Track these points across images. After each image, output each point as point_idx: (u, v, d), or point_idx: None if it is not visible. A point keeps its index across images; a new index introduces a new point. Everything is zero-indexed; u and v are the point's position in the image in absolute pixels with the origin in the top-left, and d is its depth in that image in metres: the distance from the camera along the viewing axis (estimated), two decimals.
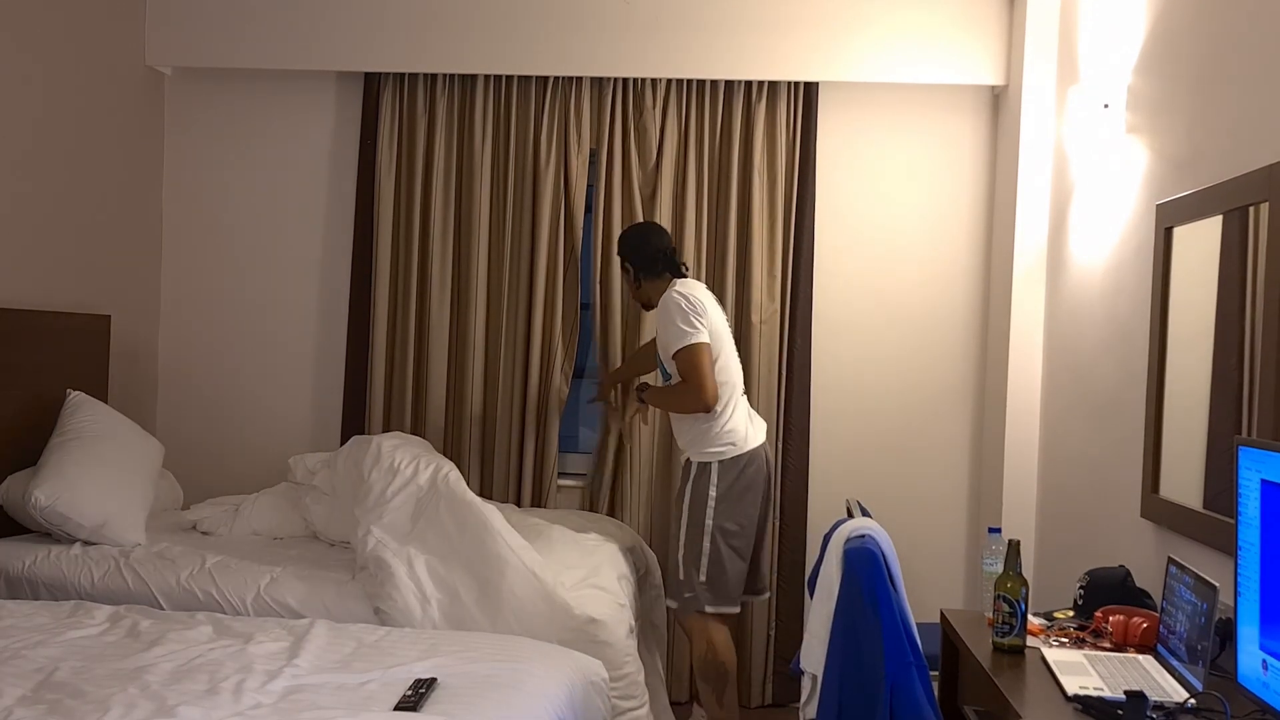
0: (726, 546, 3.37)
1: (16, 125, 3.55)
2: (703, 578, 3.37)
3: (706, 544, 3.36)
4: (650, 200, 4.11)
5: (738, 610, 3.44)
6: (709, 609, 3.37)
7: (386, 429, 4.18)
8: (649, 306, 3.66)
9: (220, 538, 3.60)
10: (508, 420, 4.15)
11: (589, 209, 4.18)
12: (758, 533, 3.48)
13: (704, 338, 3.33)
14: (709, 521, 3.37)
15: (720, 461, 3.39)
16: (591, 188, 4.16)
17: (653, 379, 3.78)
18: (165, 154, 4.37)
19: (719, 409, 3.38)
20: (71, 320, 3.77)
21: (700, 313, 3.35)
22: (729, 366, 3.44)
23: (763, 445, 3.48)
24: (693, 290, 3.43)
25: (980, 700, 2.35)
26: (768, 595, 3.73)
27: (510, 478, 4.14)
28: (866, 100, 4.16)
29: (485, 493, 4.10)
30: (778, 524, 4.04)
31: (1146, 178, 2.93)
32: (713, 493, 3.37)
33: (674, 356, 3.37)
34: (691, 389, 3.33)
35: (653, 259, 3.57)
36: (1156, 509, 2.71)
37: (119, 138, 4.09)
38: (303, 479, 3.72)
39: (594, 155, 4.16)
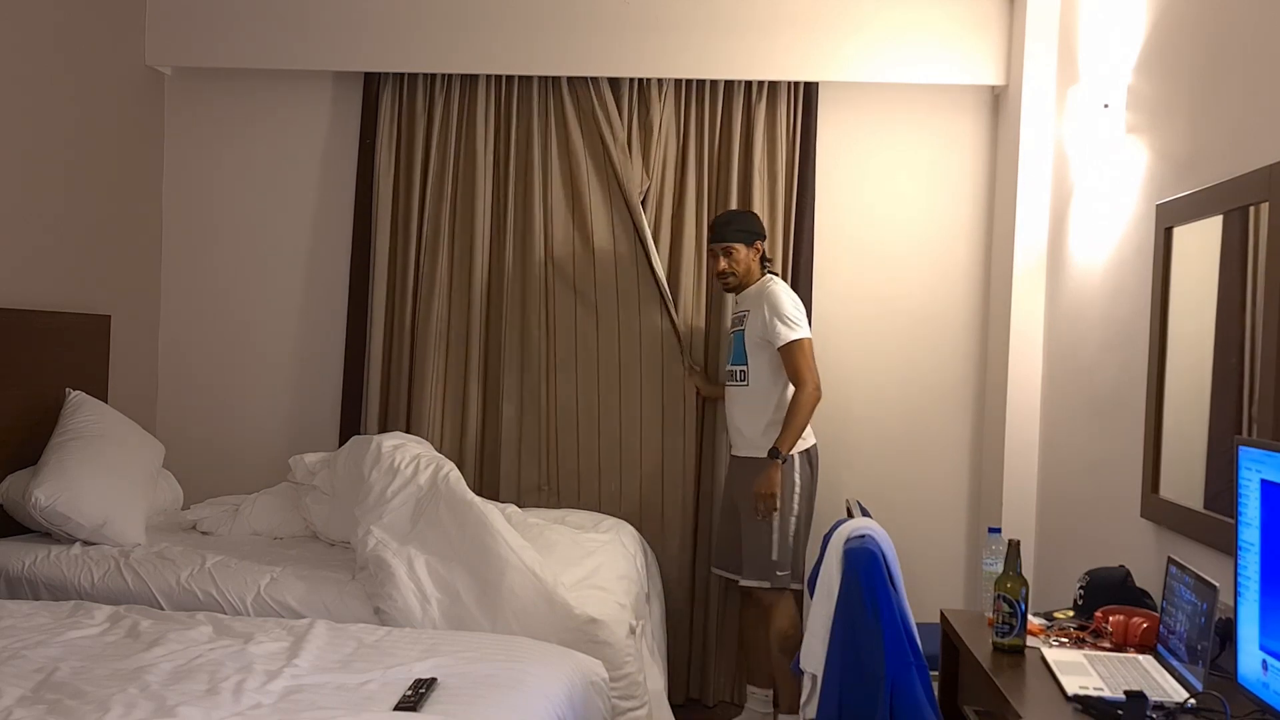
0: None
1: (16, 125, 3.55)
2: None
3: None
4: (651, 200, 4.10)
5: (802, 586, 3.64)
6: (794, 586, 3.61)
7: (384, 429, 4.18)
8: (739, 287, 3.76)
9: (220, 538, 3.60)
10: (507, 420, 4.14)
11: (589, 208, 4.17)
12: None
13: (808, 333, 3.60)
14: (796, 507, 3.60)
15: (798, 454, 3.61)
16: (590, 187, 4.15)
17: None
18: (165, 154, 4.37)
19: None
20: (71, 320, 3.77)
21: (801, 308, 3.62)
22: None
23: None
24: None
25: (980, 700, 2.35)
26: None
27: (509, 478, 4.14)
28: (866, 100, 4.16)
29: (485, 493, 4.10)
30: None
31: (1146, 178, 2.93)
32: (796, 480, 3.59)
33: (781, 350, 3.56)
34: (804, 388, 3.54)
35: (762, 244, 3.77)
36: (1156, 509, 2.71)
37: (119, 138, 4.09)
38: (303, 479, 3.72)
39: (593, 154, 4.15)
